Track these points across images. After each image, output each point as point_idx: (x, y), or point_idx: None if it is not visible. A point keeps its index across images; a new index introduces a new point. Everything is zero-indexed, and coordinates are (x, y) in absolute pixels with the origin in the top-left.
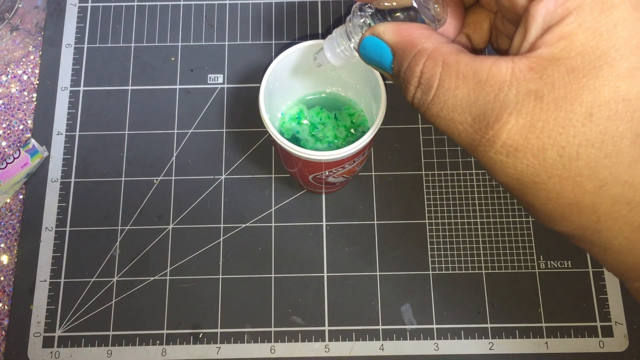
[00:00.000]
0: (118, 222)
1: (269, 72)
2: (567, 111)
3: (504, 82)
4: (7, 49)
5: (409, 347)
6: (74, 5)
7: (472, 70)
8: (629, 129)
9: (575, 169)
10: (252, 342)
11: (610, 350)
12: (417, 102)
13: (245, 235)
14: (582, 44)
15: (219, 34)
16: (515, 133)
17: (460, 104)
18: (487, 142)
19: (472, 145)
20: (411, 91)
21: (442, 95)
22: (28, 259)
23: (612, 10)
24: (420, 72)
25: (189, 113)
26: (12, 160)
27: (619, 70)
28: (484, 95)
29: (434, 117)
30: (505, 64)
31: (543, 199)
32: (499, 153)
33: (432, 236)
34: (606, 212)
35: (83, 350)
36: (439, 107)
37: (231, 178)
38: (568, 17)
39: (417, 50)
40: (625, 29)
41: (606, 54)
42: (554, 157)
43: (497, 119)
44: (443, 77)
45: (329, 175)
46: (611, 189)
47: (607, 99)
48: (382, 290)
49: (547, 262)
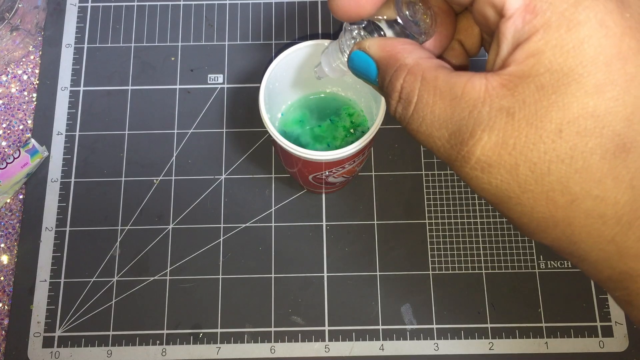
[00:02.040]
0: (118, 222)
1: (269, 72)
2: (537, 128)
3: (478, 98)
4: (7, 49)
5: (409, 347)
6: (74, 5)
7: (448, 86)
8: (598, 145)
9: (548, 184)
10: (252, 342)
11: (610, 350)
12: (399, 116)
13: (245, 235)
14: (550, 61)
15: (219, 34)
16: (488, 149)
17: (437, 119)
18: (463, 158)
19: (450, 161)
20: (393, 105)
21: (420, 111)
22: (28, 259)
23: (578, 27)
24: (401, 87)
25: (189, 113)
26: (12, 160)
27: (587, 86)
28: (459, 111)
29: (414, 132)
30: (479, 81)
31: (518, 212)
32: (473, 169)
33: (432, 236)
34: (580, 226)
35: (83, 350)
36: (418, 122)
37: (231, 178)
38: (535, 35)
39: (398, 65)
40: (592, 46)
41: (573, 71)
42: (526, 172)
43: (471, 135)
44: (422, 92)
45: (329, 175)
46: (583, 203)
47: (576, 115)
48: (382, 290)
49: (547, 262)
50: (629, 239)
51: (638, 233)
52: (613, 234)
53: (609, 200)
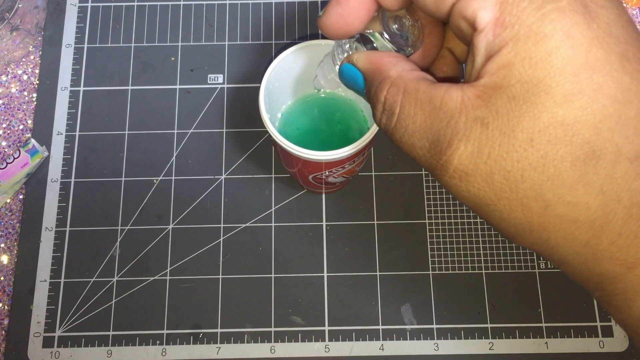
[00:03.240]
0: (118, 222)
1: (269, 72)
2: (510, 137)
3: (455, 109)
4: (7, 49)
5: (409, 347)
6: (74, 5)
7: (428, 97)
8: (568, 152)
9: (522, 192)
10: (252, 342)
11: (610, 350)
12: (383, 126)
13: (245, 235)
14: (520, 72)
15: (219, 34)
16: (465, 159)
17: (419, 130)
18: (442, 167)
19: (431, 169)
20: (377, 116)
21: (403, 121)
22: (28, 259)
23: (545, 40)
24: (384, 99)
25: (189, 113)
26: (12, 160)
27: (556, 96)
28: (438, 122)
29: (398, 142)
30: (455, 92)
31: (497, 219)
32: (452, 177)
33: (432, 236)
34: (555, 231)
35: (83, 350)
36: (401, 133)
37: (231, 178)
38: (505, 48)
39: (383, 77)
40: (559, 57)
41: (542, 82)
42: (501, 180)
43: (449, 145)
44: (404, 103)
45: (329, 175)
46: (556, 209)
47: (547, 124)
48: (382, 290)
49: (547, 262)
50: (602, 242)
51: (610, 236)
52: (587, 238)
53: (581, 206)
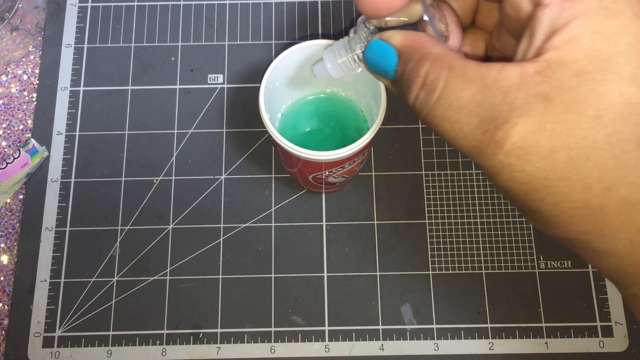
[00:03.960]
0: (118, 222)
1: (269, 72)
2: (575, 113)
3: (512, 85)
4: (7, 49)
5: (409, 347)
6: (74, 5)
7: (478, 74)
8: (635, 132)
9: (585, 171)
10: (252, 342)
11: (610, 350)
12: (420, 102)
13: (245, 235)
14: (589, 47)
15: (219, 34)
16: (524, 135)
17: (467, 105)
18: (496, 144)
19: (479, 149)
20: (414, 91)
21: (447, 97)
22: (28, 259)
23: (616, 17)
24: (426, 73)
25: (189, 113)
26: (12, 160)
27: (624, 74)
28: (492, 97)
29: (438, 119)
30: (513, 69)
31: (551, 203)
32: (508, 155)
33: (432, 236)
34: (612, 214)
35: (83, 350)
36: (444, 108)
37: (231, 178)
38: (574, 21)
39: (424, 52)
40: (628, 36)
41: (611, 58)
42: (564, 159)
43: (506, 120)
44: (449, 79)
45: (329, 175)
46: (618, 190)
47: (614, 102)
48: (382, 290)
49: (547, 262)
50: None
51: None
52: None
53: None
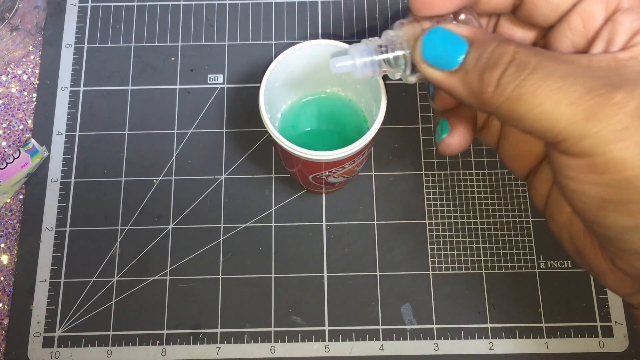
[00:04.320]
0: (118, 222)
1: (269, 72)
2: None
3: (610, 65)
4: (7, 49)
5: (409, 347)
6: (74, 5)
7: (569, 59)
8: None
9: None
10: (252, 342)
11: (610, 350)
12: (509, 76)
13: (245, 235)
14: None
15: (219, 34)
16: None
17: (569, 75)
18: (615, 105)
19: (592, 113)
20: (500, 68)
21: (545, 67)
22: (28, 259)
23: None
24: (514, 51)
25: (189, 113)
26: (12, 160)
27: None
28: (593, 73)
29: (534, 87)
30: (604, 56)
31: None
32: (630, 115)
33: (432, 236)
34: None
35: (83, 350)
36: (542, 75)
37: (231, 178)
38: None
39: (503, 38)
40: None
41: None
42: None
43: (624, 85)
44: (541, 57)
45: (329, 175)
46: None
47: None
48: (382, 290)
49: (547, 262)
50: None
51: None
52: None
53: None
